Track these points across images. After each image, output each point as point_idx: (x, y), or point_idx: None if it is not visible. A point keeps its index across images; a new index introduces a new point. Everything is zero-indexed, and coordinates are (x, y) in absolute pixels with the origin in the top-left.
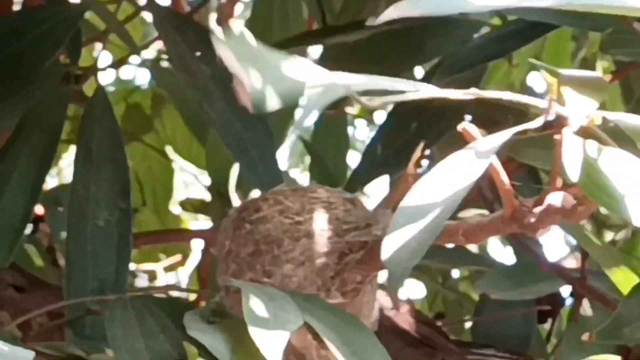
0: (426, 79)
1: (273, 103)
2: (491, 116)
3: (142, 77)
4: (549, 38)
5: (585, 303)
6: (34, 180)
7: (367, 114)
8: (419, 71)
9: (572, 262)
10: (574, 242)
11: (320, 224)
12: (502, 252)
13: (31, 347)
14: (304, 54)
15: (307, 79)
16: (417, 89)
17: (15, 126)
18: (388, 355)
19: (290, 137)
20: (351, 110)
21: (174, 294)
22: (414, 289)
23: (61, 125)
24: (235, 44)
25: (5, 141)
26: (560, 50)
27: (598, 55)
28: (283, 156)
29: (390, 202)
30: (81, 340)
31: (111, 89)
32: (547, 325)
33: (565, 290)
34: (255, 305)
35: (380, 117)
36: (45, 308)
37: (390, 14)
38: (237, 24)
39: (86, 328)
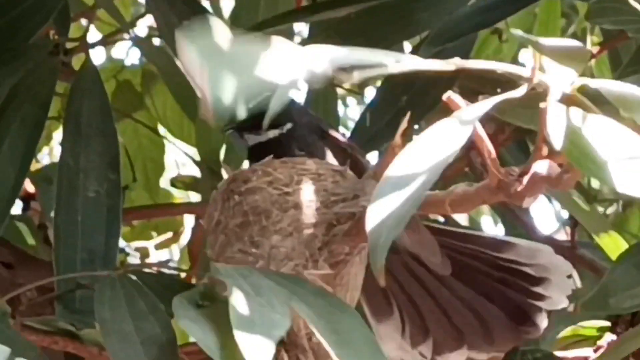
0: (415, 51)
1: (239, 112)
2: (479, 89)
3: (133, 55)
4: (539, 14)
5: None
6: (24, 151)
7: (354, 91)
8: (408, 45)
9: (562, 236)
10: (564, 216)
11: (309, 195)
12: (494, 227)
13: (20, 322)
14: (291, 31)
15: (279, 73)
16: (399, 61)
17: (5, 97)
18: (375, 339)
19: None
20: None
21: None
22: None
23: (51, 96)
24: (202, 45)
25: None
26: (550, 26)
27: (588, 30)
28: None
29: (378, 174)
30: (71, 315)
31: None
32: None
33: None
34: (240, 302)
35: (371, 93)
36: (35, 283)
37: None
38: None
39: (76, 302)
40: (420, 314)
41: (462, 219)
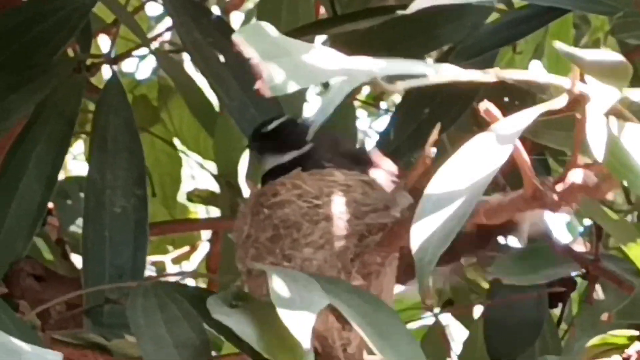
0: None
1: (292, 87)
2: (499, 102)
3: (145, 70)
4: (551, 26)
5: (597, 286)
6: (51, 168)
7: (370, 103)
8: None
9: (580, 247)
10: (579, 229)
11: (339, 206)
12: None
13: (50, 336)
14: (311, 43)
15: (330, 66)
16: (438, 71)
17: (31, 114)
18: (411, 334)
19: None
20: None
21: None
22: None
23: (76, 113)
24: (255, 37)
25: (22, 129)
26: (562, 37)
27: (601, 42)
28: None
29: (408, 184)
30: (100, 329)
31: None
32: (556, 311)
33: (574, 273)
34: (280, 286)
35: (384, 106)
36: (64, 297)
37: (421, 3)
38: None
39: (104, 316)
40: None
41: None
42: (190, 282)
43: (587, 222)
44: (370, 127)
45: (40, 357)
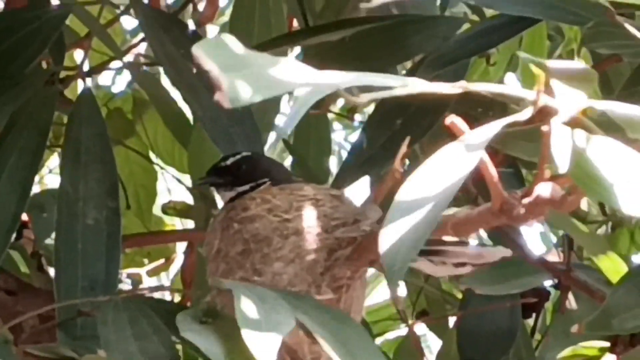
0: (409, 75)
1: (254, 97)
2: (471, 113)
3: (121, 84)
4: (525, 37)
5: (569, 296)
6: (24, 180)
7: (344, 116)
8: (400, 69)
9: (553, 258)
10: (552, 239)
11: (309, 221)
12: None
13: (23, 350)
14: (284, 54)
15: (293, 78)
16: (405, 84)
17: (4, 126)
18: (379, 350)
19: (271, 138)
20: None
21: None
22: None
23: (49, 124)
24: (216, 51)
25: None
26: (537, 49)
27: (575, 53)
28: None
29: (377, 198)
30: (73, 342)
31: None
32: (530, 321)
33: (548, 284)
34: (247, 306)
35: (358, 118)
36: (36, 311)
37: None
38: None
39: (77, 329)
40: None
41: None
42: (167, 294)
43: (562, 232)
44: (345, 140)
45: None
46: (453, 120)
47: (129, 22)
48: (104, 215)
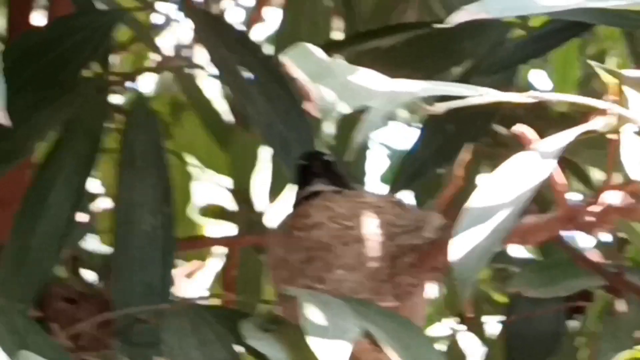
0: (462, 80)
1: (342, 108)
2: (516, 118)
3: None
4: None
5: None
6: (78, 186)
7: None
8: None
9: (595, 257)
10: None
11: (371, 228)
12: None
13: (80, 357)
14: None
15: (375, 87)
16: (480, 93)
17: (58, 133)
18: (443, 357)
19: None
20: None
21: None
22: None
23: (102, 131)
24: (301, 58)
25: (49, 148)
26: (568, 47)
27: (607, 52)
28: None
29: (439, 204)
30: (130, 349)
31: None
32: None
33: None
34: (312, 313)
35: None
36: (94, 319)
37: (461, 16)
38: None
39: (134, 336)
40: None
41: None
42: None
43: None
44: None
45: None
46: (522, 129)
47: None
48: (159, 221)
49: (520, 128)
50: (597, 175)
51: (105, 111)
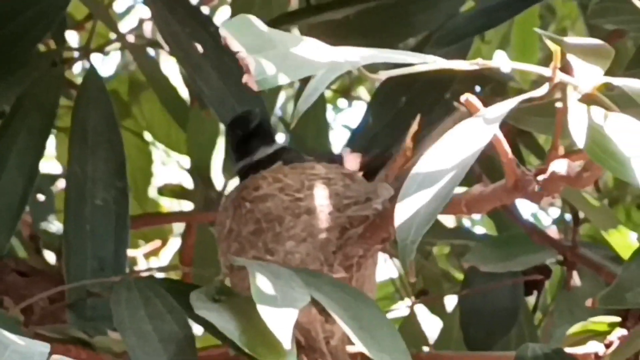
0: (416, 52)
1: (282, 80)
2: (470, 90)
3: (107, 66)
4: (516, 16)
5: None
6: (32, 161)
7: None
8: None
9: (553, 234)
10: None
11: (321, 199)
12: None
13: (33, 331)
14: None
15: (317, 58)
16: (424, 61)
17: (11, 108)
18: (393, 326)
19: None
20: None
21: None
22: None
23: (56, 106)
24: (241, 30)
25: (1, 123)
26: (529, 26)
27: (567, 31)
28: None
29: (388, 176)
30: (83, 323)
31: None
32: (531, 299)
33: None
34: (262, 283)
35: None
36: (47, 292)
37: None
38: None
39: (87, 310)
40: None
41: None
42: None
43: (554, 212)
44: (334, 120)
45: (28, 349)
46: (468, 97)
47: (120, 4)
48: (112, 196)
49: (467, 96)
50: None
51: (59, 86)
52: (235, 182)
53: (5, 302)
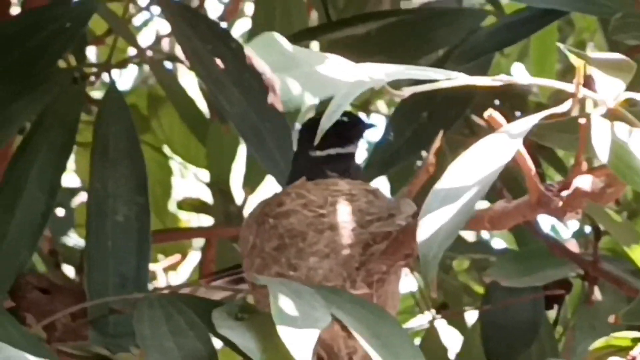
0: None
1: (308, 99)
2: (490, 104)
3: (125, 81)
4: None
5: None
6: (53, 177)
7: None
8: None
9: (573, 247)
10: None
11: (344, 216)
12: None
13: (56, 348)
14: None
15: (342, 76)
16: (449, 77)
17: (32, 124)
18: (414, 344)
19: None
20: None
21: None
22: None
23: (77, 121)
24: (266, 49)
25: (23, 139)
26: (547, 40)
27: (587, 43)
28: None
29: (411, 192)
30: (105, 339)
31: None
32: (551, 313)
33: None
34: (283, 302)
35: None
36: (69, 309)
37: None
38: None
39: (109, 326)
40: None
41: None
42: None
43: (574, 224)
44: None
45: None
46: (492, 113)
47: (137, 18)
48: (133, 212)
49: (490, 112)
50: (572, 161)
51: (80, 102)
52: (257, 197)
53: (28, 319)
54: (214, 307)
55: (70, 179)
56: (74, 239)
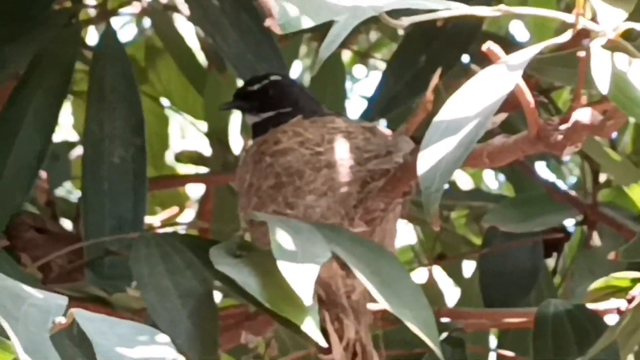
0: None
1: (305, 23)
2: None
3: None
4: None
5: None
6: (48, 119)
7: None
8: None
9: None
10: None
11: (341, 153)
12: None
13: (51, 289)
14: None
15: (340, 2)
16: (447, 7)
17: (27, 67)
18: (413, 282)
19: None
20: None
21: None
22: (407, 234)
23: (73, 64)
24: None
25: (18, 81)
26: None
27: None
28: None
29: (409, 130)
30: (101, 281)
31: None
32: (550, 261)
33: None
34: (282, 238)
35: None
36: (65, 249)
37: None
38: None
39: (105, 268)
40: None
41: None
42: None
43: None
44: (350, 90)
45: (46, 302)
46: (490, 46)
47: None
48: (130, 154)
49: (488, 45)
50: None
51: (75, 45)
52: None
53: (23, 259)
54: (210, 245)
55: (68, 132)
56: (72, 192)
